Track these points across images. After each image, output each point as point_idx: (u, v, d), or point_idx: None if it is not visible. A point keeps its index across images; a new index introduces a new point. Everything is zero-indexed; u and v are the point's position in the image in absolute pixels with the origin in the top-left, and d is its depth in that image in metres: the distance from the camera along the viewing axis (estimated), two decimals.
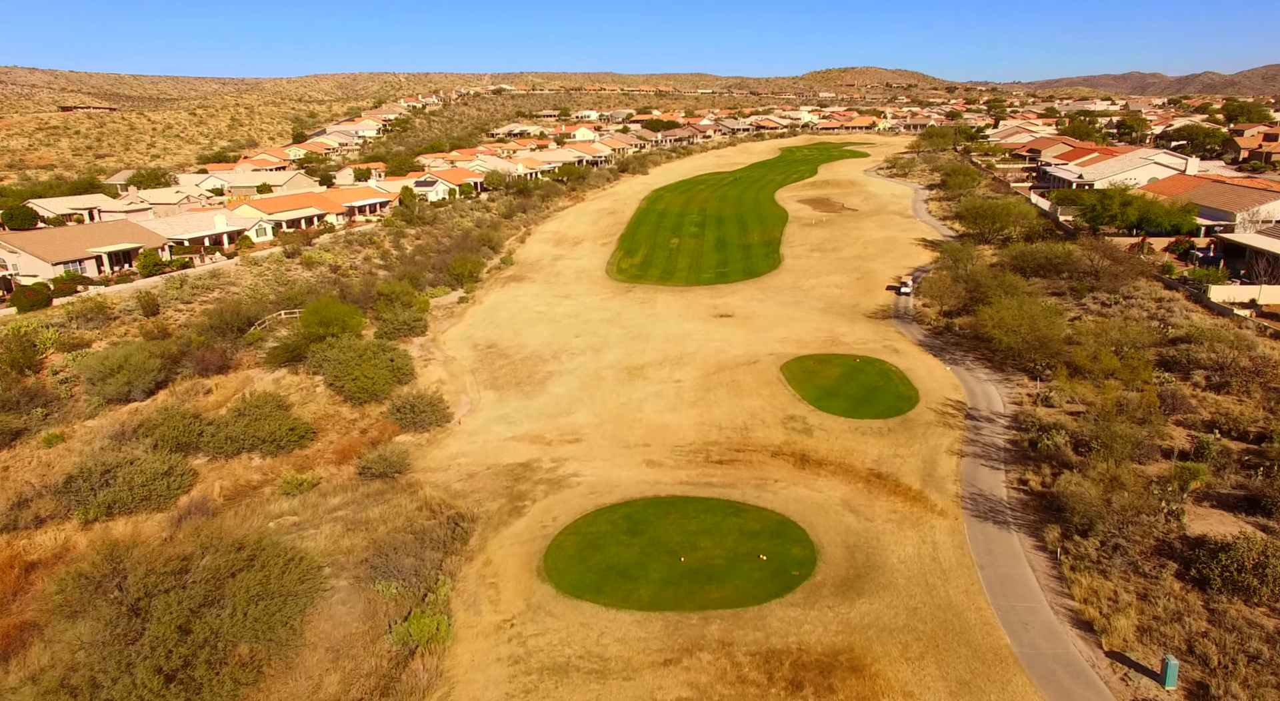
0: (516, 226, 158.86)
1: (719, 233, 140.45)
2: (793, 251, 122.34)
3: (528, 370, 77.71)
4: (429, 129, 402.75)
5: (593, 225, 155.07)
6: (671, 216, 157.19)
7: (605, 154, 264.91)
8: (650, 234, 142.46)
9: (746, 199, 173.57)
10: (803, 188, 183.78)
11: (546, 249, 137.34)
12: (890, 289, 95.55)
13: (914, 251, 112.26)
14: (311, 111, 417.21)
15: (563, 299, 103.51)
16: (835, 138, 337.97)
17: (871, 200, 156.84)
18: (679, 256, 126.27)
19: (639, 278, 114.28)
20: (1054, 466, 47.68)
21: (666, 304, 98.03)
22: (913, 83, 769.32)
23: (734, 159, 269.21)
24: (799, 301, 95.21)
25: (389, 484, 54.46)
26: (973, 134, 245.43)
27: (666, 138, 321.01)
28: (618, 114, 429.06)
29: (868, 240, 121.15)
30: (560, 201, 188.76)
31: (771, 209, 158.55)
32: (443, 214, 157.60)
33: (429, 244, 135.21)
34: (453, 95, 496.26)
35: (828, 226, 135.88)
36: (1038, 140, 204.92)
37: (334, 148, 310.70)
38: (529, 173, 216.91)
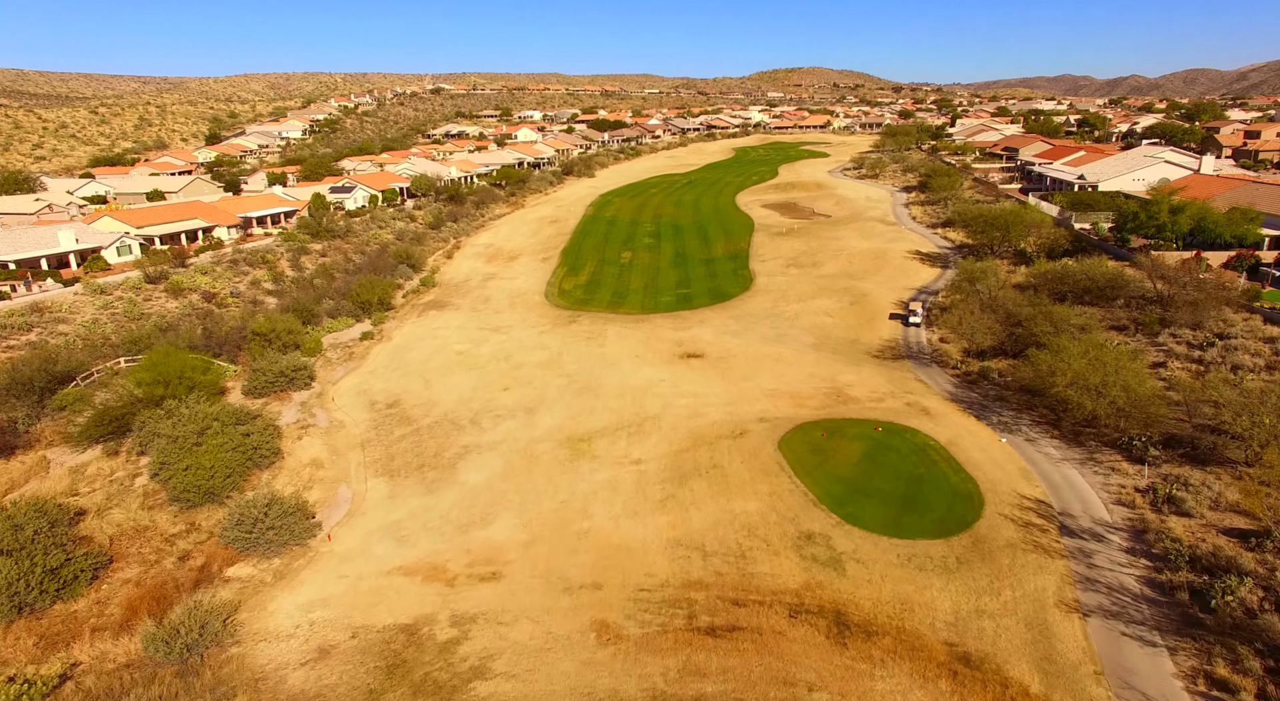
0: (445, 238, 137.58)
1: (677, 244, 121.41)
2: (765, 267, 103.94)
3: (436, 443, 57.27)
4: (361, 130, 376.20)
5: (532, 236, 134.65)
6: (622, 225, 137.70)
7: (548, 155, 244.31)
8: (598, 247, 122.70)
9: (705, 204, 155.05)
10: (766, 191, 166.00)
11: (477, 266, 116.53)
12: (895, 317, 77.50)
13: (910, 267, 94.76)
14: (233, 111, 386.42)
15: (491, 333, 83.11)
16: (789, 137, 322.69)
17: (845, 205, 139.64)
18: (632, 274, 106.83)
19: (585, 302, 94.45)
20: (1258, 650, 29.42)
21: (620, 338, 78.41)
22: (859, 83, 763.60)
23: (687, 160, 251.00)
24: (783, 334, 76.54)
25: (184, 683, 33.68)
26: (937, 132, 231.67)
27: (614, 138, 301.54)
28: (562, 114, 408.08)
29: (852, 253, 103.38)
30: (497, 208, 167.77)
31: (735, 215, 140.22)
32: (359, 225, 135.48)
33: (336, 262, 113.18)
34: (388, 95, 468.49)
35: (801, 236, 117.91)
36: (1009, 138, 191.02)
37: (252, 150, 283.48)
38: (464, 176, 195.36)
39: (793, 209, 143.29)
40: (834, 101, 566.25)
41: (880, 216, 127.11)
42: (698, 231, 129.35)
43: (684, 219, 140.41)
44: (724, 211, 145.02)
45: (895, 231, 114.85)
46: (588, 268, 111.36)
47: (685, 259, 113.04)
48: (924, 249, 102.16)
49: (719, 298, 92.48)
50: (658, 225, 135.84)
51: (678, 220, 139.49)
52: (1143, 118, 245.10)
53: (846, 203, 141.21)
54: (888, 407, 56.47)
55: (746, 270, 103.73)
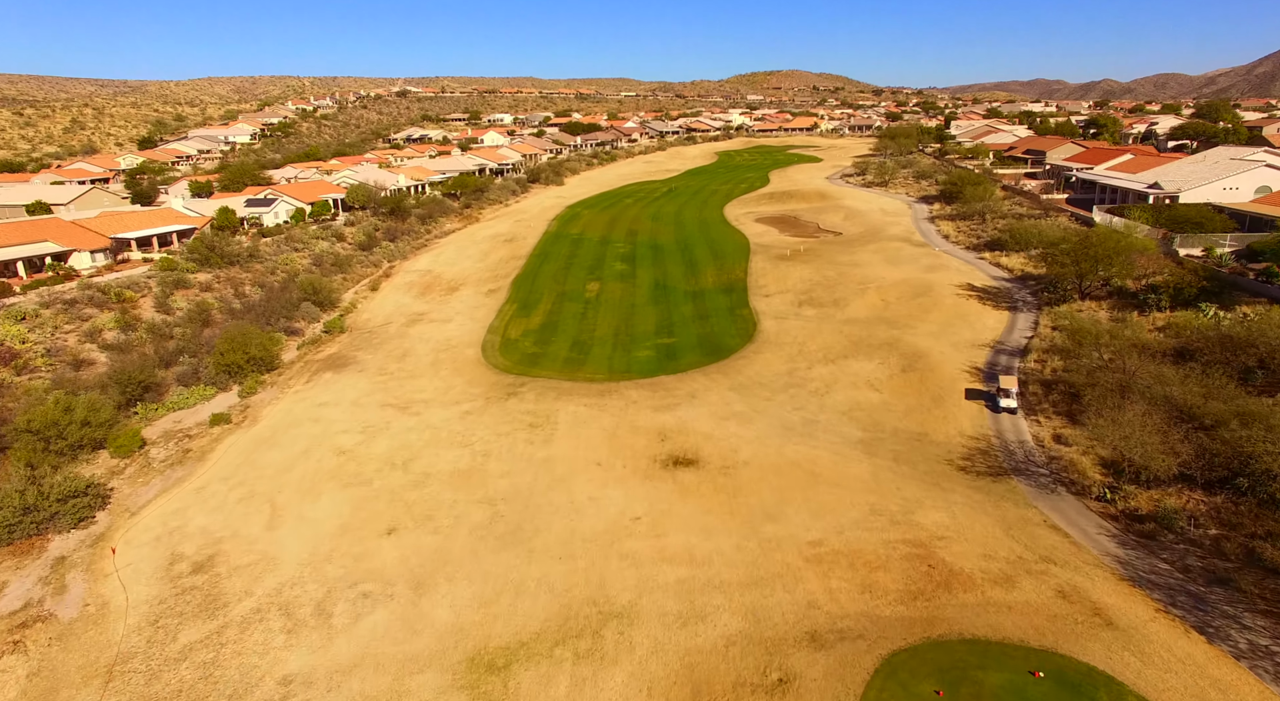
0: (376, 262, 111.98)
1: (657, 271, 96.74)
2: (771, 305, 79.59)
3: (236, 672, 32.14)
4: (318, 134, 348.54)
5: (481, 260, 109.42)
6: (590, 246, 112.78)
7: (513, 161, 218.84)
8: (558, 274, 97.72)
9: (689, 217, 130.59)
10: (758, 201, 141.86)
11: (405, 302, 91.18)
12: (974, 397, 53.20)
13: (967, 309, 70.78)
14: (180, 115, 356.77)
15: (396, 414, 57.98)
16: (775, 140, 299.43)
17: (857, 219, 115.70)
18: (599, 315, 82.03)
19: (534, 360, 69.44)
20: None
21: (576, 428, 53.56)
22: (839, 86, 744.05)
23: (666, 165, 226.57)
24: (813, 420, 52.17)
25: None
26: (941, 134, 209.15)
27: (587, 142, 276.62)
28: (534, 117, 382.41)
29: (883, 286, 79.29)
30: (447, 223, 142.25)
31: (725, 233, 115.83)
32: (269, 248, 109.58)
33: (221, 299, 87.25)
34: (350, 97, 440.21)
35: (811, 260, 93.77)
36: (1029, 140, 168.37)
37: (190, 156, 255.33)
38: (414, 185, 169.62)
39: (794, 224, 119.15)
40: (815, 104, 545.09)
41: (904, 234, 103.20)
42: (682, 253, 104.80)
43: (664, 236, 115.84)
44: (712, 227, 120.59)
45: (929, 255, 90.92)
46: (543, 305, 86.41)
47: (667, 292, 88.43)
48: (976, 281, 78.20)
49: (714, 353, 67.92)
50: (633, 245, 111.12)
51: (657, 238, 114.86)
52: (1162, 118, 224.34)
53: (858, 216, 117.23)
54: (1027, 602, 32.05)
55: (747, 309, 79.31)
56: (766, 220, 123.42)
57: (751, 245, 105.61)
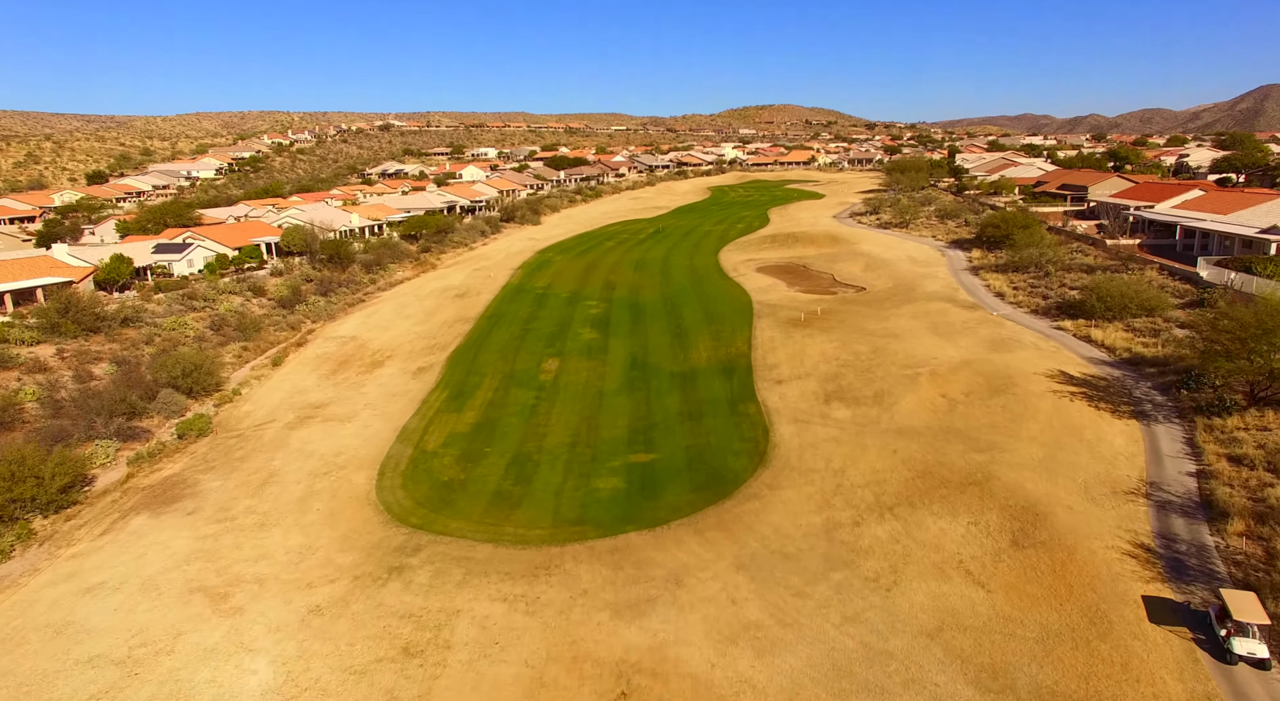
0: (295, 324, 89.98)
1: (635, 343, 74.75)
2: (786, 397, 57.58)
3: None
4: (292, 169, 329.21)
5: (420, 322, 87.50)
6: (556, 304, 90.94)
7: (488, 197, 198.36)
8: (510, 346, 75.64)
9: (677, 266, 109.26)
10: (759, 245, 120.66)
11: (306, 385, 68.88)
12: (1165, 612, 31.05)
13: (1072, 412, 48.67)
14: (147, 148, 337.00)
15: (202, 614, 35.47)
16: (770, 175, 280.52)
17: (881, 270, 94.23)
18: (554, 410, 59.83)
19: (448, 498, 46.86)
20: None
21: (476, 667, 31.02)
22: (832, 120, 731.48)
23: (654, 202, 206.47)
24: (882, 658, 29.79)
25: None
26: (955, 168, 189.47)
27: (571, 177, 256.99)
28: (519, 151, 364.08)
29: (937, 368, 57.44)
30: (399, 271, 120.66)
31: (720, 286, 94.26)
32: (161, 306, 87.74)
33: (49, 385, 64.76)
34: (330, 131, 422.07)
35: (832, 327, 72.01)
36: (1065, 174, 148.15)
37: (143, 191, 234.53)
38: (371, 225, 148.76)
39: (804, 275, 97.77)
40: (808, 138, 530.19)
41: (945, 291, 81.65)
42: (668, 315, 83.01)
43: (647, 292, 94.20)
44: (705, 279, 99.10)
45: (988, 322, 69.22)
46: (482, 392, 64.25)
47: (647, 373, 66.39)
48: (1069, 367, 56.29)
49: (711, 484, 45.71)
50: (608, 304, 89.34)
51: (638, 295, 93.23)
52: (1193, 150, 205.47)
53: (882, 266, 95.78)
54: None
55: (754, 404, 57.27)
56: (770, 270, 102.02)
57: (754, 304, 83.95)
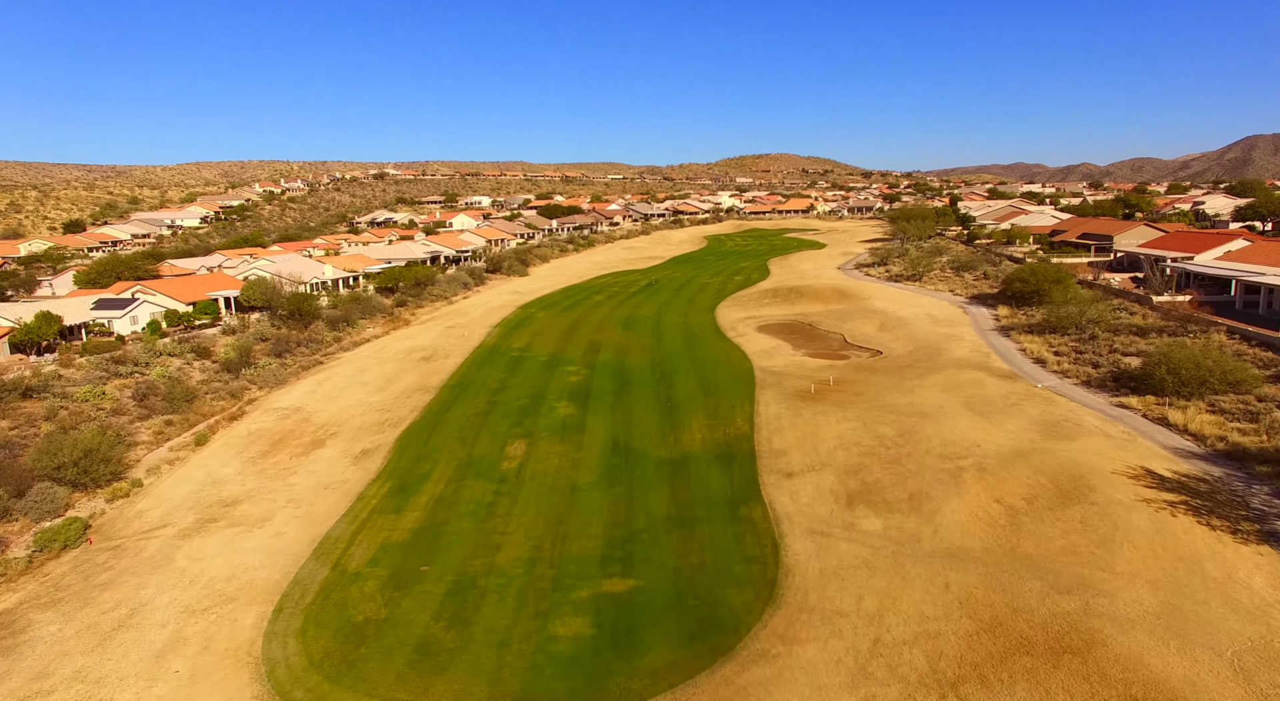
0: (237, 391, 78.86)
1: (618, 421, 63.57)
2: (798, 496, 46.35)
3: None
4: (280, 217, 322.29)
5: (377, 390, 76.53)
6: (531, 370, 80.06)
7: (476, 247, 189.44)
8: (471, 424, 64.42)
9: (670, 324, 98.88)
10: (759, 301, 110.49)
11: (224, 474, 57.54)
12: None
13: (1174, 531, 37.41)
14: (135, 197, 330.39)
15: None
16: (769, 223, 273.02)
17: (899, 330, 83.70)
18: (514, 512, 48.40)
19: (351, 658, 35.22)
20: None
21: None
22: (828, 168, 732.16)
23: (648, 251, 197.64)
24: None
25: None
26: (964, 216, 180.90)
27: (564, 226, 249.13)
28: (513, 200, 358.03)
29: (984, 461, 46.31)
30: (369, 327, 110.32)
31: (718, 348, 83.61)
32: (80, 372, 76.88)
33: None
34: (324, 179, 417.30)
35: (849, 400, 61.10)
36: (1077, 223, 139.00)
37: (120, 241, 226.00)
38: (347, 277, 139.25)
39: (810, 335, 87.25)
40: (805, 186, 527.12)
41: (976, 357, 70.86)
42: (657, 384, 72.06)
43: (635, 355, 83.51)
44: (700, 340, 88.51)
45: (1033, 397, 58.24)
46: (430, 485, 52.95)
47: (630, 461, 55.19)
48: (1153, 462, 45.09)
49: (702, 635, 34.19)
50: (590, 370, 78.46)
51: (625, 359, 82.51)
52: (1209, 197, 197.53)
53: (899, 325, 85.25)
54: None
55: (759, 507, 46.02)
56: (772, 329, 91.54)
57: (756, 371, 73.11)
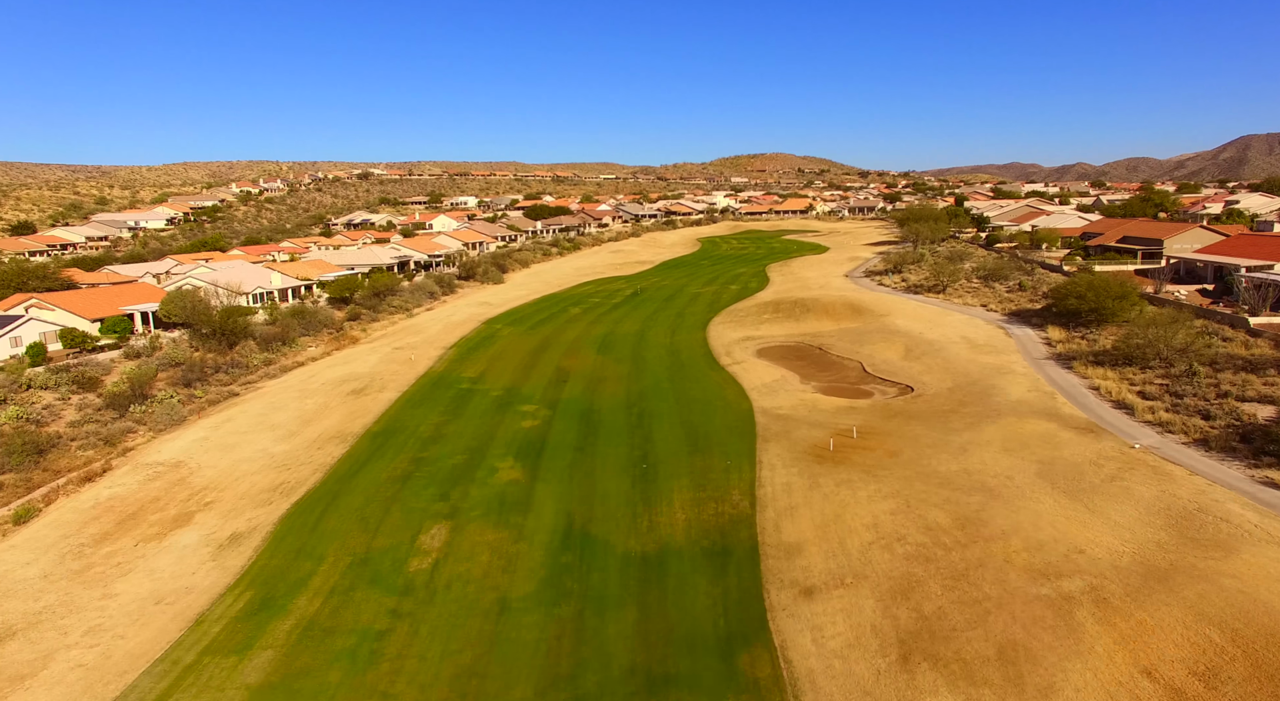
0: (115, 437, 62.84)
1: (575, 491, 47.70)
2: (824, 647, 30.75)
3: None
4: (256, 218, 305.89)
5: (285, 438, 60.64)
6: (478, 410, 64.16)
7: (452, 250, 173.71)
8: (382, 494, 48.47)
9: (653, 343, 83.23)
10: (758, 316, 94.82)
11: (31, 571, 41.64)
12: None
13: None
14: (103, 197, 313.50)
15: None
16: (765, 224, 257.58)
17: (928, 356, 68.07)
18: (410, 653, 32.54)
19: None
20: None
21: None
22: (824, 168, 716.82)
23: (636, 255, 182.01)
24: None
25: None
26: (980, 218, 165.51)
27: (549, 227, 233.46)
28: (500, 201, 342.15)
29: (1100, 582, 30.98)
30: (311, 346, 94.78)
31: (707, 380, 67.87)
32: None
33: None
34: (304, 179, 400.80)
35: (877, 459, 45.66)
36: (1116, 224, 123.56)
37: (74, 244, 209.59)
38: (299, 286, 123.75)
39: (821, 363, 71.68)
40: (801, 186, 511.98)
41: (1037, 400, 55.22)
42: (631, 434, 56.35)
43: (608, 389, 67.81)
44: (688, 370, 72.79)
45: (1135, 466, 42.65)
46: (306, 598, 37.20)
47: (586, 560, 39.56)
48: None
49: None
50: (551, 410, 62.64)
51: (595, 394, 66.83)
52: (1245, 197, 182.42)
53: (929, 350, 69.63)
54: None
55: (766, 660, 30.49)
56: (775, 353, 75.91)
57: (758, 414, 57.48)
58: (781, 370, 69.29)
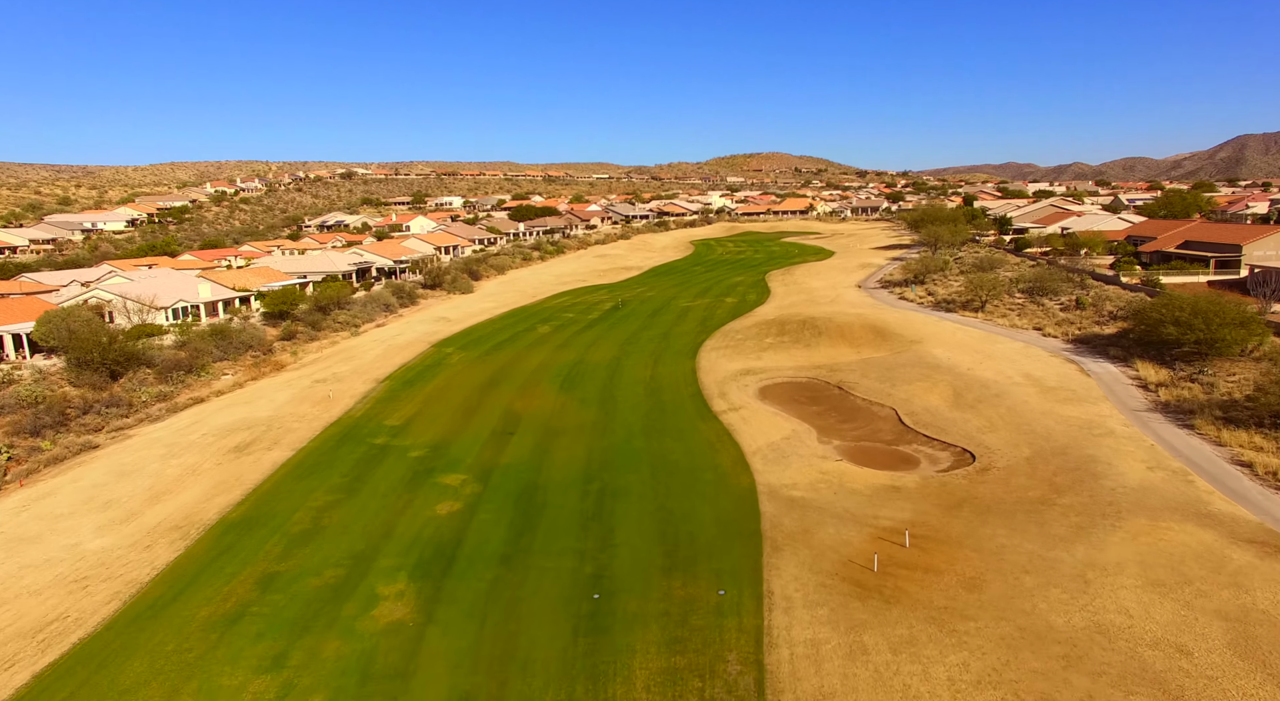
0: None
1: (485, 646, 30.51)
2: None
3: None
4: (228, 219, 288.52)
5: (110, 529, 43.45)
6: (387, 484, 47.05)
7: (422, 255, 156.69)
8: (186, 653, 31.45)
9: (629, 378, 66.24)
10: (758, 337, 77.92)
11: None
12: None
13: None
14: (66, 197, 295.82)
15: None
16: (763, 225, 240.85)
17: (984, 403, 51.29)
18: None
19: None
20: None
21: None
22: (821, 168, 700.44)
23: (623, 260, 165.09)
24: None
25: None
26: (1003, 220, 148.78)
27: (532, 229, 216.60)
28: (486, 201, 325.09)
29: None
30: (222, 376, 77.92)
31: (694, 436, 50.93)
32: None
33: None
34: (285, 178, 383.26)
35: (948, 601, 29.11)
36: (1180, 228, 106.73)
37: (16, 248, 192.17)
38: (235, 297, 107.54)
39: (842, 408, 54.75)
40: (799, 186, 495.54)
41: (1167, 487, 38.53)
42: (582, 531, 39.45)
43: (565, 445, 50.85)
44: (671, 416, 55.78)
45: None
46: None
47: None
48: None
49: None
50: (482, 484, 45.59)
51: (546, 455, 49.87)
52: None
53: (984, 394, 52.62)
54: None
55: None
56: (783, 394, 58.99)
57: (763, 500, 40.45)
58: (792, 421, 52.33)
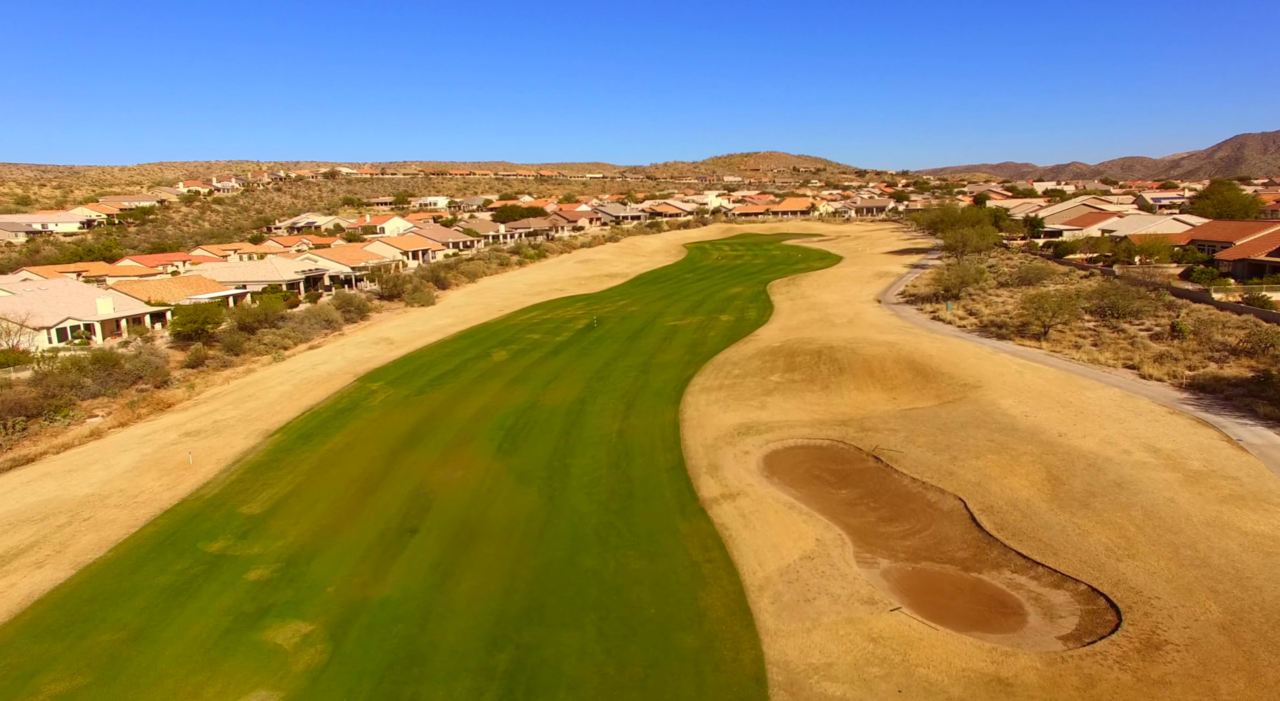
0: None
1: None
2: None
3: None
4: (198, 220, 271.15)
5: None
6: (189, 637, 29.82)
7: (383, 261, 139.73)
8: None
9: (592, 436, 49.34)
10: (760, 373, 60.98)
11: None
12: None
13: None
14: (25, 197, 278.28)
15: None
16: (762, 227, 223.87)
17: (1099, 496, 34.71)
18: None
19: None
20: None
21: None
22: (820, 167, 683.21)
23: (609, 266, 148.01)
24: None
25: None
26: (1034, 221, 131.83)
27: (514, 231, 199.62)
28: (472, 201, 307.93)
29: None
30: (88, 421, 60.82)
31: (670, 552, 33.87)
32: None
33: None
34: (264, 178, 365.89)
35: None
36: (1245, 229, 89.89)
37: None
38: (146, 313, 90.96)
39: (884, 497, 37.91)
40: (797, 185, 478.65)
41: None
42: None
43: (479, 563, 34.03)
44: (638, 506, 38.94)
45: None
46: None
47: None
48: None
49: None
50: (333, 639, 28.80)
51: (446, 582, 33.00)
52: None
53: (1099, 482, 36.02)
54: None
55: None
56: (798, 469, 42.02)
57: None
58: (815, 520, 35.33)
